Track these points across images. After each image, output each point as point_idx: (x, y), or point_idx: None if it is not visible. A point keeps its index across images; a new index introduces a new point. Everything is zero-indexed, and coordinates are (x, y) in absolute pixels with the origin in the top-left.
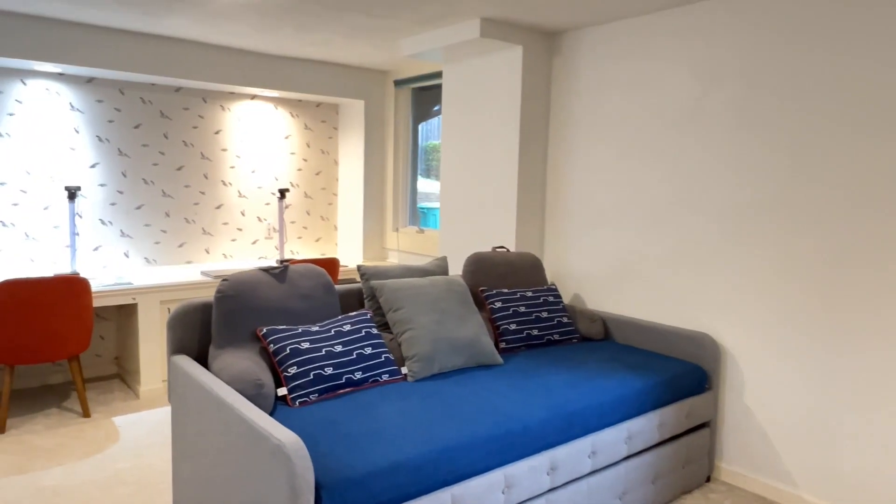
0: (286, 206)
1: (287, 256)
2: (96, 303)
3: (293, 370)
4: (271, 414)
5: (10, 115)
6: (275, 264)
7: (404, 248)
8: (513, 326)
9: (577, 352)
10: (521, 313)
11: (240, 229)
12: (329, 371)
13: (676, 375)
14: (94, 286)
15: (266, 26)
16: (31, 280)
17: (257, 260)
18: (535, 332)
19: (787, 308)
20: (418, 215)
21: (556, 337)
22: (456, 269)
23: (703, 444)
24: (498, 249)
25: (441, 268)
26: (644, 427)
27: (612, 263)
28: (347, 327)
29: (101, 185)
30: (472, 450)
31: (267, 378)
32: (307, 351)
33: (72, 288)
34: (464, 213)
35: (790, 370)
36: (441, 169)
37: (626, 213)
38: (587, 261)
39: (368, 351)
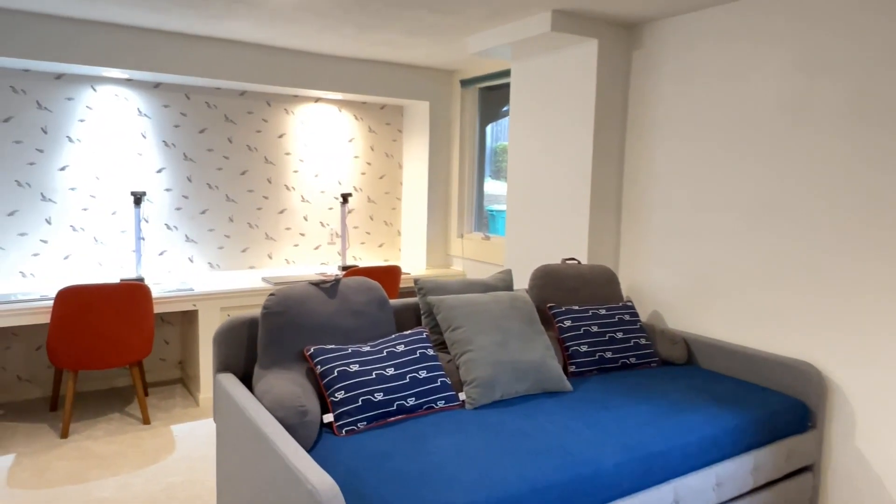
0: (349, 211)
1: (349, 262)
2: (158, 309)
3: (340, 395)
4: (316, 443)
5: (81, 121)
6: (325, 276)
7: (469, 256)
8: (584, 348)
9: (656, 378)
10: (593, 333)
11: (302, 234)
12: (379, 397)
13: (774, 411)
14: (157, 292)
15: (326, 27)
16: (91, 286)
17: (319, 266)
18: (609, 355)
19: None
20: (485, 220)
21: (633, 360)
22: (522, 281)
23: (805, 492)
24: (568, 261)
25: (505, 282)
26: (736, 471)
27: (697, 277)
28: (401, 347)
29: (167, 189)
30: (534, 497)
31: (312, 404)
32: (356, 374)
33: (132, 294)
34: (532, 220)
35: None
36: (508, 174)
37: (715, 220)
38: (669, 274)
39: (423, 375)
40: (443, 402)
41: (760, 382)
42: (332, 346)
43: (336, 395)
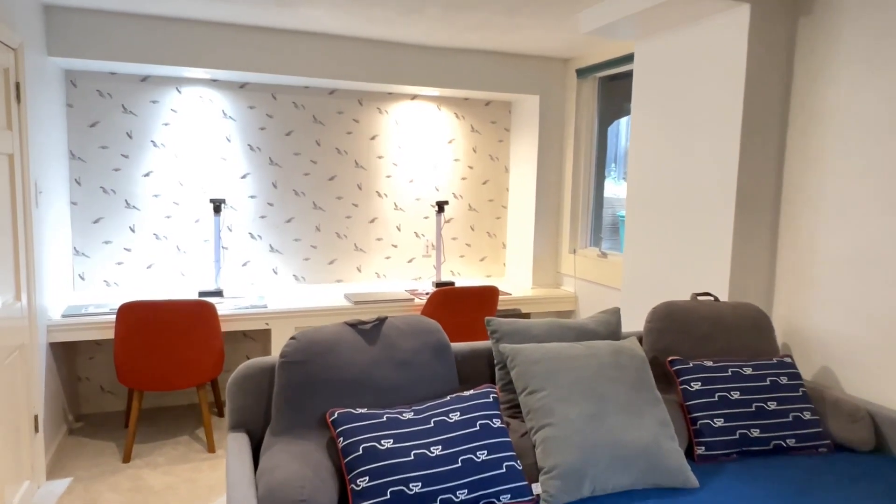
0: (447, 221)
1: (445, 278)
2: (229, 327)
3: (364, 483)
4: None
5: (165, 124)
6: (365, 318)
7: (582, 276)
8: (719, 422)
9: (826, 472)
10: (734, 401)
11: (395, 246)
12: (416, 488)
13: None
14: (228, 308)
15: (408, 9)
16: (153, 302)
17: (411, 281)
18: (756, 434)
19: None
20: (614, 226)
21: (791, 443)
22: (636, 321)
23: None
24: (701, 297)
25: (609, 326)
26: None
27: (891, 325)
28: (456, 416)
29: (252, 196)
30: None
31: (323, 494)
32: (389, 453)
33: (196, 313)
34: (655, 240)
35: None
36: (627, 179)
37: None
38: (847, 318)
39: (482, 456)
40: (508, 496)
41: None
42: (363, 412)
43: (358, 482)
